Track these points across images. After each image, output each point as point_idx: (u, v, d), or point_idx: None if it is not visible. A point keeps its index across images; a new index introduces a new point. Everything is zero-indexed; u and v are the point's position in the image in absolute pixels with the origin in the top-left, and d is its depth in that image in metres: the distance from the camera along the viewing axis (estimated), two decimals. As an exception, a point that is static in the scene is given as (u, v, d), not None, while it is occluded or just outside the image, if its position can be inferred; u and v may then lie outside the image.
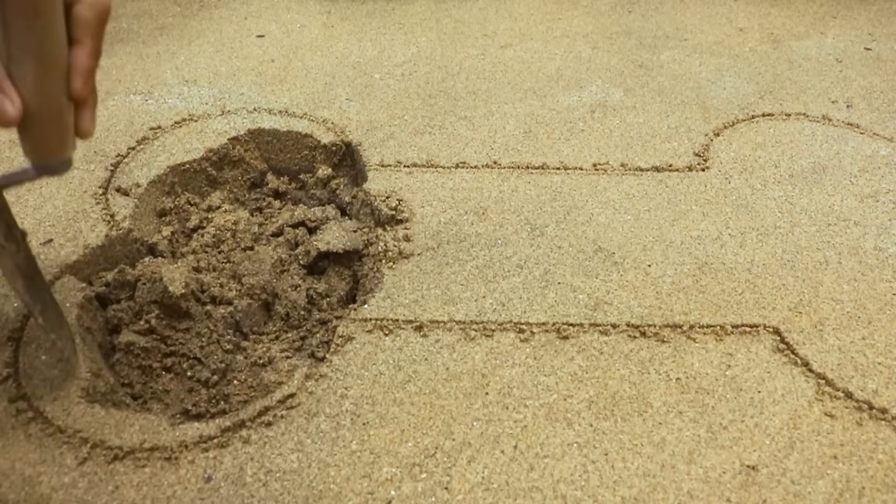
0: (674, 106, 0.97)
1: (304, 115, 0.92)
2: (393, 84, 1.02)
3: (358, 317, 0.62)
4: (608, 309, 0.63)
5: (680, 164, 0.84)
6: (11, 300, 0.61)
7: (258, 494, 0.48)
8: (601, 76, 1.05)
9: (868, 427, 0.53)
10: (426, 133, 0.89)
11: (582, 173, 0.82)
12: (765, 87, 1.02)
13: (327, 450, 0.51)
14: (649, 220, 0.74)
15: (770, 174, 0.82)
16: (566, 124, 0.92)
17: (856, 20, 1.27)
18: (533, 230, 0.72)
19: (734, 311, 0.63)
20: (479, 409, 0.54)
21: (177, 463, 0.50)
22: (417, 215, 0.74)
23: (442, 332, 0.61)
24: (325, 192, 0.85)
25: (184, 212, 0.79)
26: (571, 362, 0.58)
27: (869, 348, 0.59)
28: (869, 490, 0.48)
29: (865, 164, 0.84)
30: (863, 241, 0.71)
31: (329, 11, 1.30)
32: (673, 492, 0.48)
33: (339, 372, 0.57)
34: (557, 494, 0.48)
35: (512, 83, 1.03)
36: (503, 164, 0.83)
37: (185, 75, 1.03)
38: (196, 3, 1.33)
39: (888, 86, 1.03)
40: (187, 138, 0.86)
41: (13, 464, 0.50)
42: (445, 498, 0.48)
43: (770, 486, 0.48)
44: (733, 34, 1.21)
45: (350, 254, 0.72)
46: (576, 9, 1.32)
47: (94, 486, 0.48)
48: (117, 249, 0.70)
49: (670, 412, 0.54)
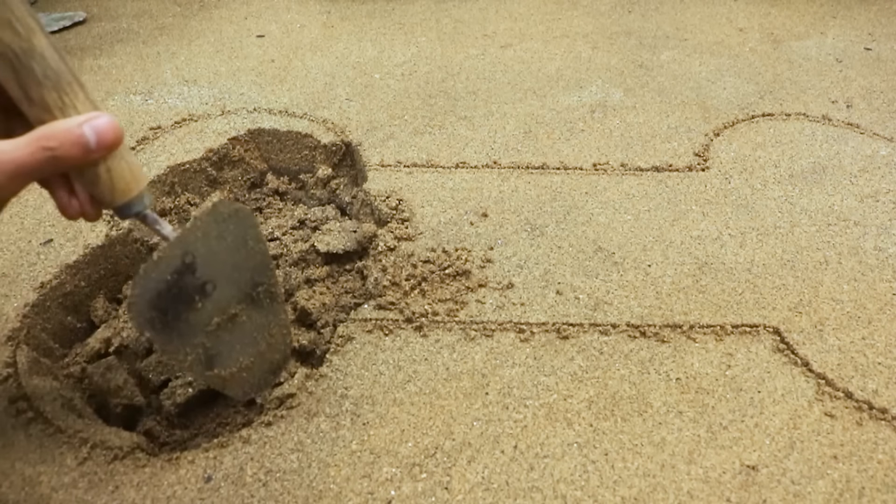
0: (674, 106, 0.97)
1: (304, 115, 0.92)
2: (393, 84, 1.02)
3: (358, 317, 0.62)
4: (608, 309, 0.63)
5: (680, 164, 0.84)
6: (11, 300, 0.62)
7: (258, 494, 0.48)
8: (601, 76, 1.05)
9: (868, 427, 0.53)
10: (426, 133, 0.89)
11: (582, 173, 0.82)
12: (765, 87, 1.02)
13: (327, 450, 0.51)
14: (649, 220, 0.74)
15: (770, 174, 0.82)
16: (566, 124, 0.92)
17: (856, 20, 1.27)
18: (533, 230, 0.72)
19: (734, 311, 0.63)
20: (479, 409, 0.54)
21: (177, 463, 0.50)
22: (417, 215, 0.74)
23: (442, 332, 0.61)
24: (325, 192, 0.85)
25: (184, 212, 0.79)
26: (571, 362, 0.58)
27: (869, 348, 0.59)
28: (869, 490, 0.48)
29: (865, 164, 0.84)
30: (863, 241, 0.71)
31: (329, 11, 1.30)
32: (673, 492, 0.48)
33: (339, 372, 0.57)
34: (557, 494, 0.48)
35: (512, 83, 1.03)
36: (503, 164, 0.83)
37: (185, 75, 1.03)
38: (196, 3, 1.33)
39: (888, 86, 1.03)
40: (187, 138, 0.86)
41: (13, 464, 0.50)
42: (445, 498, 0.47)
43: (770, 486, 0.48)
44: (733, 34, 1.21)
45: (350, 254, 0.72)
46: (576, 9, 1.32)
47: (94, 486, 0.48)
48: (117, 249, 0.70)
49: (670, 412, 0.54)
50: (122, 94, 0.97)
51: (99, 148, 0.37)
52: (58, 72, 0.37)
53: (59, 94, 0.37)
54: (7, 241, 0.69)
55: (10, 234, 0.70)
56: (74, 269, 0.66)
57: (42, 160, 0.36)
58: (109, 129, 0.37)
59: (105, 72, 1.04)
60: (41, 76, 0.36)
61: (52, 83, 0.37)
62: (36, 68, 0.36)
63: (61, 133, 0.36)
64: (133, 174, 0.40)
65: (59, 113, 0.37)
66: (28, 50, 0.36)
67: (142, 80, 1.02)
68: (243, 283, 0.46)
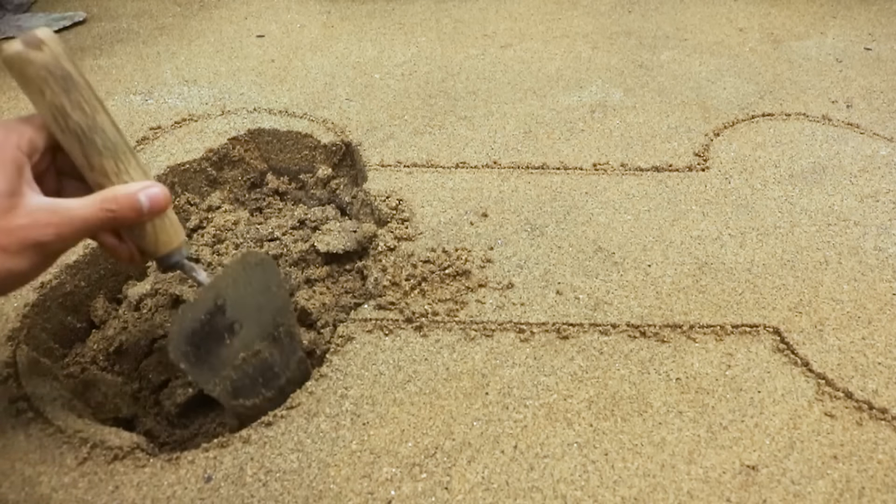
0: (674, 106, 0.97)
1: (304, 115, 0.92)
2: (393, 84, 1.02)
3: (358, 317, 0.62)
4: (608, 309, 0.63)
5: (680, 164, 0.84)
6: (11, 300, 0.62)
7: (258, 494, 0.48)
8: (601, 76, 1.05)
9: (868, 427, 0.53)
10: (426, 133, 0.89)
11: (582, 173, 0.82)
12: (765, 87, 1.02)
13: (327, 450, 0.51)
14: (649, 220, 0.74)
15: (770, 174, 0.82)
16: (566, 124, 0.92)
17: (856, 20, 1.27)
18: (533, 230, 0.72)
19: (734, 311, 0.63)
20: (479, 409, 0.54)
21: (177, 463, 0.50)
22: (417, 215, 0.74)
23: (442, 332, 0.61)
24: (325, 192, 0.85)
25: (184, 212, 0.79)
26: (571, 362, 0.58)
27: (869, 348, 0.59)
28: (869, 490, 0.48)
29: (865, 164, 0.84)
30: (863, 241, 0.71)
31: (329, 11, 1.30)
32: (673, 492, 0.48)
33: (339, 372, 0.57)
34: (557, 494, 0.48)
35: (512, 83, 1.03)
36: (503, 164, 0.83)
37: (185, 75, 1.03)
38: (196, 3, 1.33)
39: (888, 86, 1.03)
40: (187, 138, 0.86)
41: (13, 464, 0.50)
42: (445, 498, 0.47)
43: (770, 486, 0.48)
44: (733, 34, 1.21)
45: (350, 254, 0.72)
46: (576, 9, 1.32)
47: (94, 486, 0.48)
48: (117, 249, 0.70)
49: (670, 412, 0.54)
50: (122, 94, 0.97)
51: (150, 213, 0.44)
52: (115, 143, 0.44)
53: (115, 162, 0.44)
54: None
55: (10, 234, 0.70)
56: (74, 269, 0.66)
57: (104, 219, 0.43)
58: (161, 197, 0.45)
59: (105, 72, 1.04)
60: (101, 147, 0.43)
61: (110, 153, 0.43)
62: (98, 141, 0.43)
63: (122, 198, 0.43)
64: (175, 230, 0.47)
65: (115, 178, 0.44)
66: (92, 126, 0.43)
67: (142, 80, 1.02)
68: (266, 323, 0.53)
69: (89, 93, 0.43)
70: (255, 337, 0.53)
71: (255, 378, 0.54)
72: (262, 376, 0.54)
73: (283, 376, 0.56)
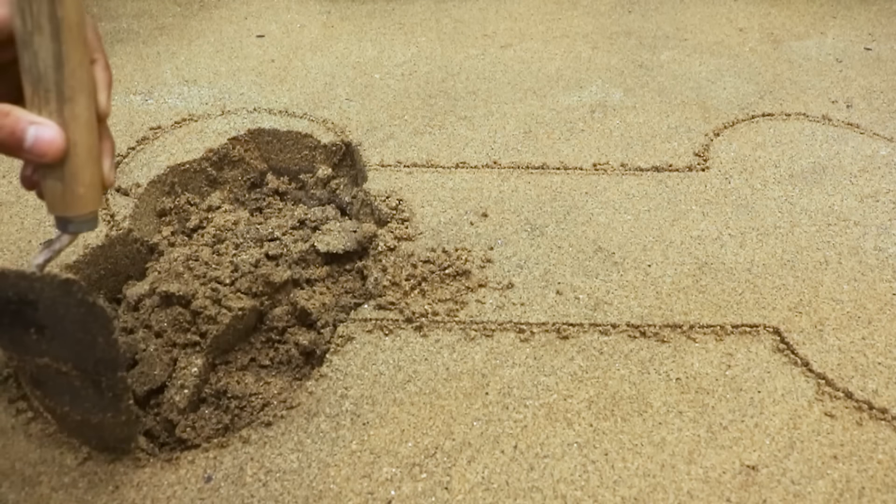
0: (674, 106, 0.97)
1: (304, 115, 0.92)
2: (393, 84, 1.02)
3: (358, 317, 0.62)
4: (608, 309, 0.63)
5: (680, 164, 0.84)
6: (11, 300, 0.61)
7: (258, 494, 0.48)
8: (601, 76, 1.05)
9: (868, 427, 0.53)
10: (426, 133, 0.89)
11: (582, 173, 0.82)
12: (765, 87, 1.02)
13: (327, 450, 0.51)
14: (649, 220, 0.74)
15: (770, 174, 0.82)
16: (566, 124, 0.92)
17: (856, 20, 1.27)
18: (533, 230, 0.72)
19: (734, 311, 0.63)
20: (479, 409, 0.54)
21: (177, 463, 0.50)
22: (417, 215, 0.74)
23: (442, 332, 0.61)
24: (325, 192, 0.85)
25: (184, 212, 0.79)
26: (571, 362, 0.58)
27: (869, 348, 0.59)
28: (869, 490, 0.48)
29: (865, 164, 0.84)
30: (863, 241, 0.71)
31: (329, 11, 1.30)
32: (673, 492, 0.48)
33: (339, 372, 0.57)
34: (557, 494, 0.48)
35: (512, 83, 1.03)
36: (503, 164, 0.83)
37: (185, 75, 1.03)
38: (196, 3, 1.33)
39: (888, 86, 1.03)
40: (187, 138, 0.86)
41: (13, 464, 0.50)
42: (445, 498, 0.47)
43: (770, 486, 0.48)
44: (733, 34, 1.21)
45: (350, 254, 0.72)
46: (576, 9, 1.32)
47: (94, 486, 0.48)
48: (117, 249, 0.70)
49: (670, 412, 0.54)
50: (122, 94, 0.97)
51: (31, 153, 0.38)
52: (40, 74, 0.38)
53: (32, 91, 0.38)
54: (7, 241, 0.69)
55: (10, 234, 0.70)
56: (74, 269, 0.66)
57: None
58: (50, 143, 0.38)
59: (105, 72, 1.04)
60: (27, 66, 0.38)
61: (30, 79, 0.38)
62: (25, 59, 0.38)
63: (11, 119, 0.37)
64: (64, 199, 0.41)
65: (29, 105, 0.38)
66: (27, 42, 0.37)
67: (142, 80, 1.02)
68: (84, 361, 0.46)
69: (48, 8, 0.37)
70: (69, 359, 0.46)
71: (61, 388, 0.48)
72: (70, 394, 0.49)
73: (95, 417, 0.49)
